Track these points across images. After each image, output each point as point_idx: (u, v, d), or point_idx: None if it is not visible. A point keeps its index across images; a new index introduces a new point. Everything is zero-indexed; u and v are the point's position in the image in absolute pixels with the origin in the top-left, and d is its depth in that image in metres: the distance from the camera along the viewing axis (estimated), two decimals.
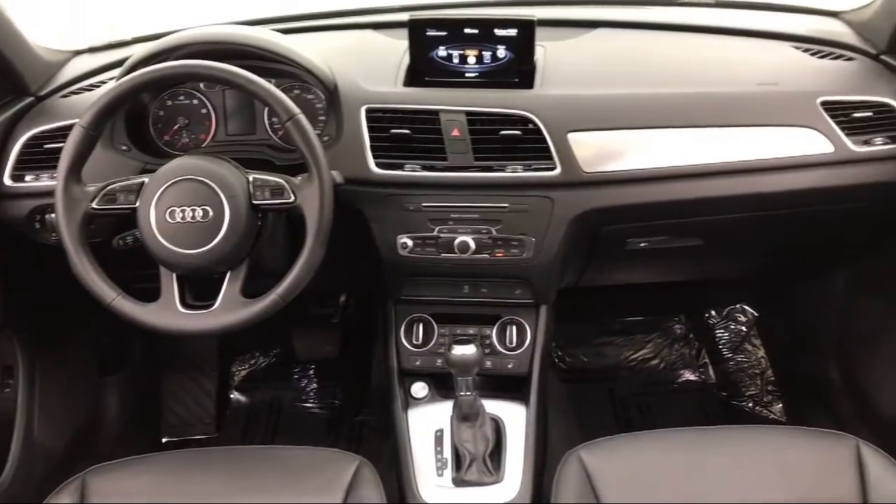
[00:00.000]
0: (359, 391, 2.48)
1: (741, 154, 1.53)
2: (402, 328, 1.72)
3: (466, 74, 1.61)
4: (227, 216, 1.33)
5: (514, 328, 1.70)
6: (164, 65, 1.38)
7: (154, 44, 1.56)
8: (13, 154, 1.61)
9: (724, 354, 2.57)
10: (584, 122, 1.53)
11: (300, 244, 1.35)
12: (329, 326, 2.48)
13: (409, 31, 1.59)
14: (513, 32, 1.57)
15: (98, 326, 2.11)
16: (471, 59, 1.60)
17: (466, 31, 1.58)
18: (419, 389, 1.69)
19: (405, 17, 1.60)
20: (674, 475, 1.35)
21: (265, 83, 1.36)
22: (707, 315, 2.66)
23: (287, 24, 1.86)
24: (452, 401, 1.56)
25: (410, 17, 1.59)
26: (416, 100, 1.55)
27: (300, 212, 1.35)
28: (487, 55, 1.59)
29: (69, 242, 1.34)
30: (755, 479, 1.33)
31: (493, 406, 1.62)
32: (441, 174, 1.54)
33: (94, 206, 1.36)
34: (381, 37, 1.80)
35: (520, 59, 1.59)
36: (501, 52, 1.59)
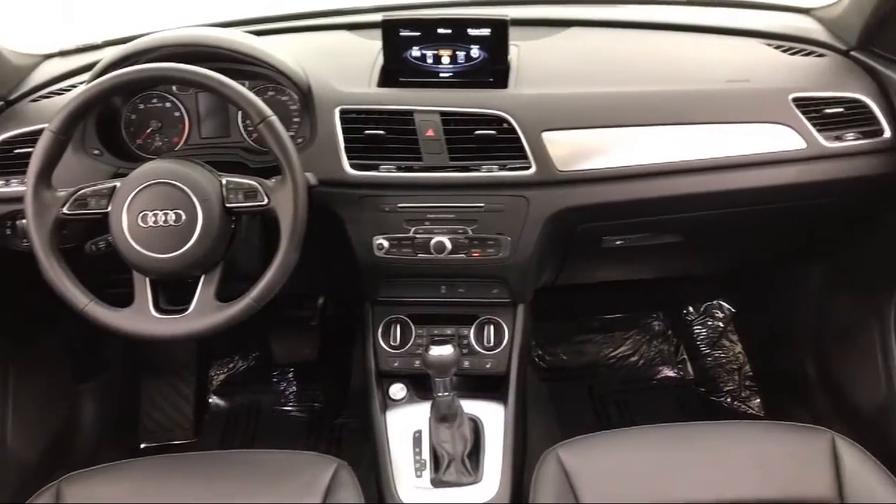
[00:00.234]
0: (338, 394, 2.47)
1: (714, 151, 1.54)
2: (380, 330, 1.71)
3: (440, 74, 1.61)
4: (200, 220, 1.32)
5: (492, 328, 1.70)
6: (134, 68, 1.37)
7: (125, 47, 1.55)
8: None
9: (702, 350, 2.59)
10: (559, 121, 1.53)
11: (275, 247, 1.34)
12: (308, 329, 2.47)
13: (383, 32, 1.59)
14: (486, 32, 1.57)
15: (72, 332, 2.09)
16: (445, 59, 1.60)
17: (440, 31, 1.58)
18: (397, 391, 1.68)
19: (378, 18, 1.60)
20: (651, 472, 1.36)
21: (237, 85, 1.35)
22: (685, 311, 2.68)
23: (260, 26, 1.85)
24: (431, 401, 1.56)
25: (384, 18, 1.58)
26: (391, 100, 1.55)
27: (274, 214, 1.35)
28: (461, 55, 1.59)
29: (40, 248, 1.33)
30: (732, 475, 1.34)
31: (472, 406, 1.62)
32: (416, 175, 1.54)
33: (65, 212, 1.34)
34: (355, 38, 1.79)
35: (494, 59, 1.59)
36: (475, 52, 1.59)
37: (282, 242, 1.33)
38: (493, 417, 1.63)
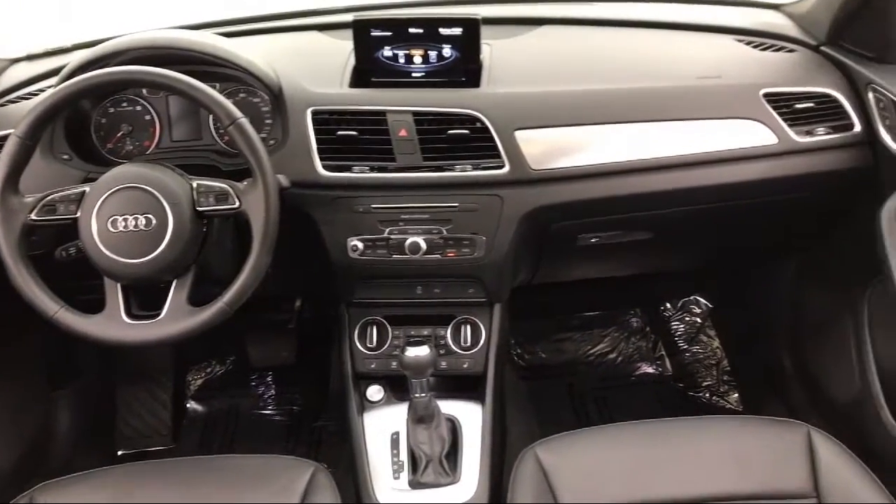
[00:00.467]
0: (317, 396, 2.46)
1: (687, 147, 1.55)
2: (356, 331, 1.70)
3: (413, 74, 1.60)
4: (171, 224, 1.31)
5: (469, 328, 1.69)
6: (102, 71, 1.35)
7: (92, 50, 1.53)
8: None
9: (680, 346, 2.60)
10: (531, 120, 1.53)
11: (248, 250, 1.33)
12: (285, 332, 2.45)
13: (354, 32, 1.58)
14: (458, 31, 1.57)
15: (46, 338, 2.06)
16: (417, 59, 1.59)
17: (411, 31, 1.57)
18: (375, 392, 1.68)
19: (350, 18, 1.59)
20: (629, 469, 1.36)
21: (206, 88, 1.34)
22: (662, 308, 2.69)
23: (230, 28, 1.83)
24: (408, 403, 1.55)
25: (354, 18, 1.58)
26: (363, 101, 1.54)
27: (245, 217, 1.34)
28: (433, 54, 1.59)
29: (7, 255, 1.31)
30: (709, 471, 1.35)
31: (450, 406, 1.61)
32: (389, 175, 1.53)
33: (33, 218, 1.32)
34: (326, 38, 1.78)
35: (466, 58, 1.59)
36: (447, 52, 1.58)
37: (254, 245, 1.32)
38: (471, 417, 1.62)
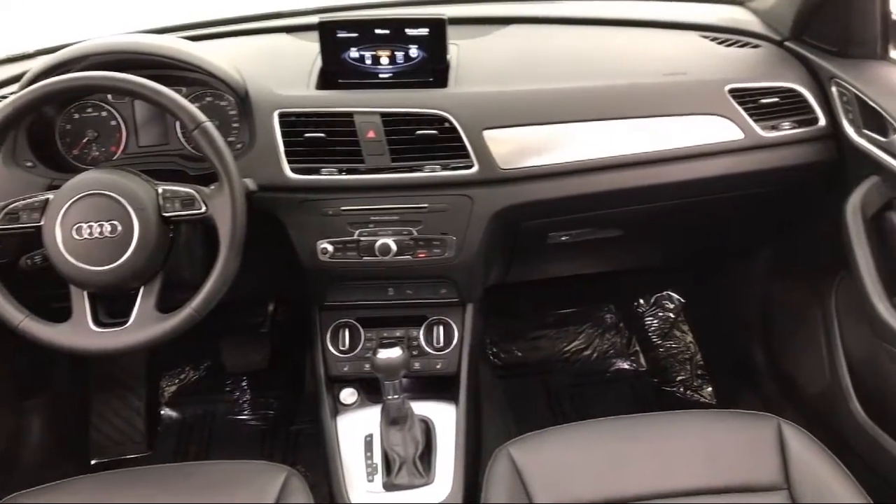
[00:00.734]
0: (292, 400, 2.45)
1: (655, 144, 1.56)
2: (328, 334, 1.69)
3: (380, 75, 1.60)
4: (137, 230, 1.30)
5: (441, 328, 1.69)
6: (63, 77, 1.33)
7: (54, 55, 1.51)
8: None
9: (654, 341, 2.61)
10: (499, 119, 1.53)
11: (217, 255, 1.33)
12: (258, 336, 2.44)
13: (320, 34, 1.58)
14: (424, 32, 1.57)
15: (15, 348, 2.03)
16: (383, 60, 1.59)
17: (377, 32, 1.57)
18: (348, 395, 1.67)
19: (316, 20, 1.58)
20: (602, 466, 1.36)
21: (170, 92, 1.33)
22: (636, 304, 2.70)
23: (195, 31, 1.82)
24: (381, 405, 1.55)
25: (320, 20, 1.57)
26: (330, 102, 1.54)
27: (212, 222, 1.33)
28: (400, 55, 1.59)
29: None
30: (681, 466, 1.35)
31: (423, 407, 1.61)
32: (358, 177, 1.52)
33: None
34: (293, 40, 1.77)
35: (433, 58, 1.59)
36: (414, 52, 1.58)
37: (221, 250, 1.31)
38: (445, 418, 1.62)
